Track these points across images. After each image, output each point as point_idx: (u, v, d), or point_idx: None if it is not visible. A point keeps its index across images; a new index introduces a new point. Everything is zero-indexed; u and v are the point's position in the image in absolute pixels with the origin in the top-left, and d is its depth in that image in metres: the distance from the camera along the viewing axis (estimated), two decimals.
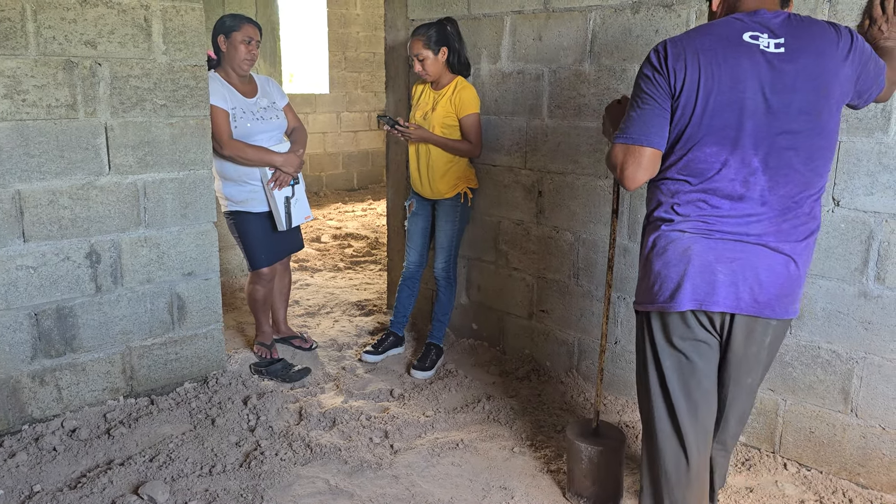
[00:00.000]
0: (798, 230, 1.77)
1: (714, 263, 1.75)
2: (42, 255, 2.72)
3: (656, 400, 1.93)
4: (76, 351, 2.86)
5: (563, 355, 3.35)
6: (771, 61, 1.68)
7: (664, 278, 1.81)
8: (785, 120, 1.69)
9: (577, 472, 2.39)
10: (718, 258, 1.75)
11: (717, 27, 1.74)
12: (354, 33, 8.83)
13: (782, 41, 1.69)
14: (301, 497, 2.41)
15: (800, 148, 1.71)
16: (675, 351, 1.86)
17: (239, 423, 2.87)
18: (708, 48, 1.71)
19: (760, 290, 1.75)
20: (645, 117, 1.77)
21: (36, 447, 2.63)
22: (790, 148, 1.71)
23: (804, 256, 1.79)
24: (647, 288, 1.87)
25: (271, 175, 3.21)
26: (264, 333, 3.56)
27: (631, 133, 1.79)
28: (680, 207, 1.79)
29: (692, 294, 1.77)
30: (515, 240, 3.47)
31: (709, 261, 1.75)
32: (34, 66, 2.59)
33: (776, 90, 1.68)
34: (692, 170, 1.76)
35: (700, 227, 1.77)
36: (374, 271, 5.28)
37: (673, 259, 1.79)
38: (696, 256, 1.76)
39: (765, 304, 1.77)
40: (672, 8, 2.73)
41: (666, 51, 1.74)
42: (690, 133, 1.74)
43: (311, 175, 8.46)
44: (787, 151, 1.71)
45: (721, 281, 1.75)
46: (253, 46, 3.14)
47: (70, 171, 2.73)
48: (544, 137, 3.25)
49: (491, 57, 3.39)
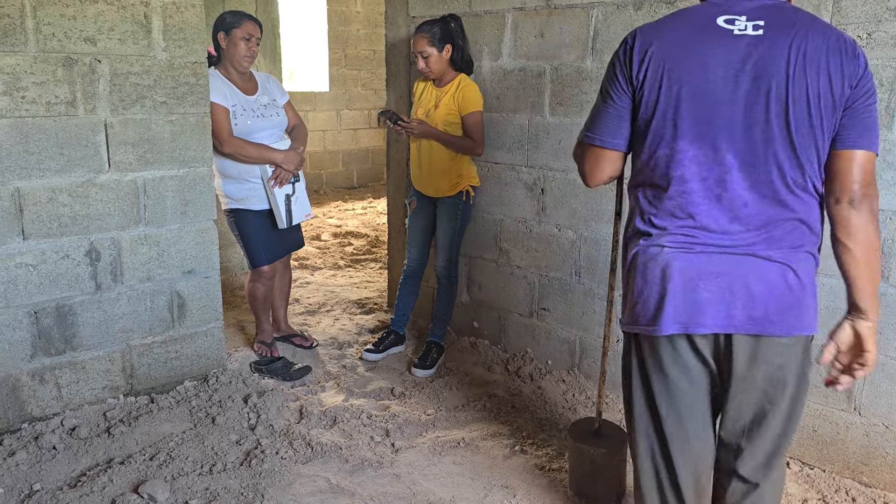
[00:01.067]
0: (795, 236, 1.57)
1: (697, 281, 1.57)
2: (42, 253, 2.71)
3: (643, 428, 1.75)
4: (76, 349, 2.85)
5: (565, 353, 3.34)
6: (747, 45, 1.50)
7: (646, 299, 1.64)
8: (762, 109, 1.50)
9: (580, 473, 2.39)
10: (701, 274, 1.57)
11: (692, 12, 1.59)
12: (354, 31, 8.81)
13: (762, 23, 1.51)
14: (302, 496, 2.40)
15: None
16: (663, 375, 1.67)
17: (239, 421, 2.86)
18: (677, 35, 1.56)
19: (754, 304, 1.55)
20: (601, 115, 1.68)
21: (36, 446, 2.62)
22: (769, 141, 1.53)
23: (804, 264, 1.58)
24: (630, 308, 1.70)
25: (272, 173, 3.20)
26: (264, 332, 3.55)
27: (588, 131, 1.72)
28: (657, 218, 1.63)
29: (674, 316, 1.59)
30: (517, 238, 3.45)
31: (690, 278, 1.57)
32: (34, 63, 2.57)
33: (753, 76, 1.50)
34: (663, 171, 1.61)
35: (679, 241, 1.59)
36: (374, 269, 5.27)
37: (652, 278, 1.62)
38: (676, 274, 1.58)
39: (763, 320, 1.56)
40: (674, 4, 2.71)
41: (634, 41, 1.61)
42: (655, 129, 1.59)
43: (311, 173, 8.44)
44: (765, 145, 1.52)
45: (706, 300, 1.56)
46: (253, 43, 3.13)
47: (70, 168, 2.72)
48: (546, 135, 3.24)
49: (492, 54, 3.38)
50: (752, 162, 1.53)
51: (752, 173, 1.54)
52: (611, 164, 1.72)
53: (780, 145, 1.51)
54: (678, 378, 1.65)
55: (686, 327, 1.58)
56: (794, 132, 1.50)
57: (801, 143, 1.51)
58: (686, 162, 1.57)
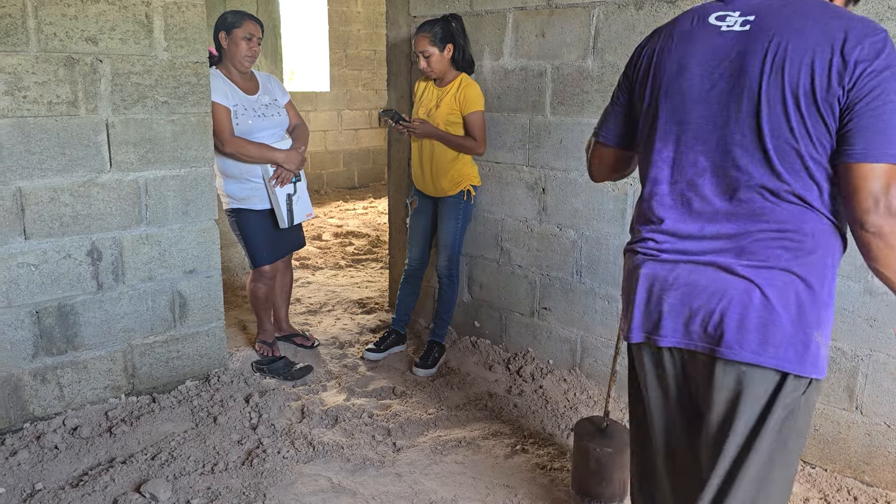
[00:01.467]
0: (771, 251, 1.38)
1: (661, 290, 1.48)
2: (43, 252, 2.71)
3: (631, 432, 1.75)
4: (78, 349, 2.85)
5: (566, 353, 3.34)
6: (730, 42, 1.41)
7: (625, 305, 1.58)
8: (735, 109, 1.39)
9: (584, 472, 2.38)
10: (664, 283, 1.47)
11: (696, 10, 1.52)
12: (355, 31, 8.81)
13: (752, 18, 1.40)
14: (303, 495, 2.40)
15: None
16: (641, 381, 1.61)
17: (241, 421, 2.86)
18: (672, 34, 1.52)
19: (711, 320, 1.40)
20: (607, 112, 1.70)
21: (37, 445, 2.62)
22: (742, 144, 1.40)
23: (779, 285, 1.36)
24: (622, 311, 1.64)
25: (273, 172, 3.20)
26: (266, 331, 3.55)
27: (597, 126, 1.75)
28: (636, 222, 1.59)
29: (641, 325, 1.52)
30: (518, 237, 3.45)
31: (655, 287, 1.49)
32: (35, 63, 2.57)
33: (729, 74, 1.39)
34: (644, 172, 1.56)
35: (649, 247, 1.52)
36: (375, 269, 5.27)
37: (627, 285, 1.58)
38: (642, 281, 1.51)
39: (718, 339, 1.39)
40: (675, 4, 2.71)
41: (645, 40, 1.60)
42: (640, 128, 1.57)
43: (311, 173, 8.45)
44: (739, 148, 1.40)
45: (667, 311, 1.46)
46: (254, 43, 3.13)
47: (71, 168, 2.72)
48: (547, 134, 3.24)
49: (493, 53, 3.38)
50: (723, 165, 1.42)
51: (725, 178, 1.42)
52: (614, 162, 1.73)
53: (752, 149, 1.38)
54: (651, 386, 1.58)
55: (648, 336, 1.52)
56: (766, 135, 1.36)
57: (777, 148, 1.36)
58: (660, 163, 1.51)
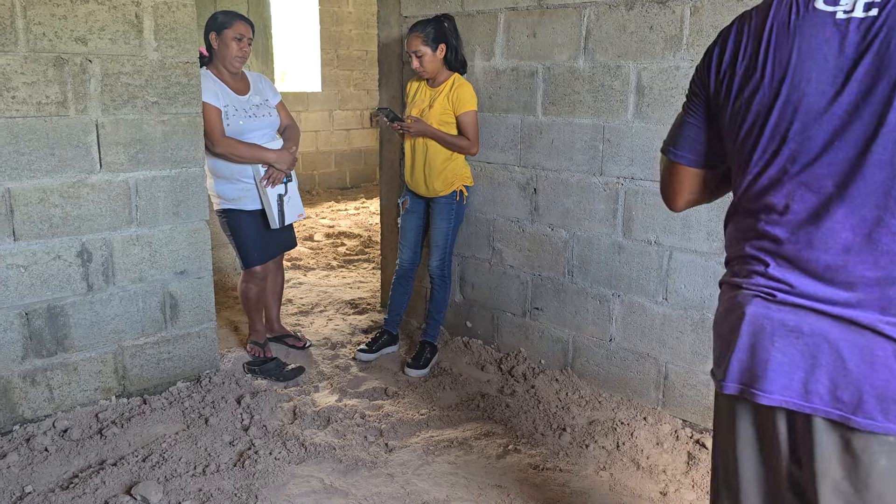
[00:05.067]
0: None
1: (770, 337, 1.21)
2: (33, 253, 2.69)
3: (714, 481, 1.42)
4: (68, 350, 2.83)
5: (558, 353, 3.34)
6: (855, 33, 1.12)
7: (717, 345, 1.34)
8: (875, 121, 1.10)
9: None
10: (777, 329, 1.21)
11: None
12: (347, 31, 8.80)
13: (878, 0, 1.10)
14: (296, 496, 2.39)
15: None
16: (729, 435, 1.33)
17: (232, 422, 2.85)
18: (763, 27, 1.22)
19: (845, 382, 1.14)
20: (680, 124, 1.41)
21: (27, 448, 2.60)
22: (884, 165, 1.12)
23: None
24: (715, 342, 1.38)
25: (264, 172, 3.19)
26: (257, 332, 3.54)
27: (668, 141, 1.44)
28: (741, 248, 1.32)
29: (738, 375, 1.26)
30: (510, 237, 3.46)
31: (763, 332, 1.22)
32: (24, 63, 2.56)
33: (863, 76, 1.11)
34: (750, 200, 1.28)
35: (760, 284, 1.25)
36: (367, 269, 5.27)
37: (724, 321, 1.32)
38: (746, 324, 1.24)
39: (855, 406, 1.14)
40: (666, 4, 2.72)
41: (725, 31, 1.30)
42: (740, 148, 1.27)
43: (303, 174, 8.43)
44: (880, 170, 1.11)
45: (777, 362, 1.20)
46: (244, 44, 3.12)
47: (61, 169, 2.70)
48: (539, 134, 3.24)
49: (485, 54, 3.38)
50: (859, 193, 1.13)
51: (860, 208, 1.14)
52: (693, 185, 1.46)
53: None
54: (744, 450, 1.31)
55: (745, 389, 1.25)
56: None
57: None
58: (775, 192, 1.23)
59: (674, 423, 2.90)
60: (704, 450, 2.71)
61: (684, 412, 2.93)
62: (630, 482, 2.53)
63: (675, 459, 2.68)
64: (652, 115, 2.84)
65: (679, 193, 1.46)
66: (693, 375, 2.88)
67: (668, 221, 2.86)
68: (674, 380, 2.94)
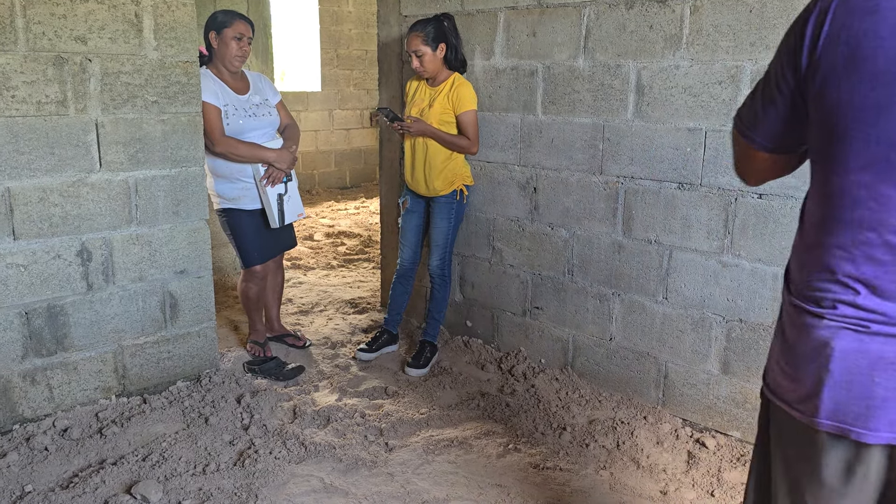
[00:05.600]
0: None
1: (869, 372, 1.11)
2: (32, 253, 2.69)
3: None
4: (67, 350, 2.83)
5: (558, 352, 3.34)
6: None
7: (794, 373, 1.21)
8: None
9: None
10: (875, 364, 1.11)
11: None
12: (346, 31, 8.80)
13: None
14: (296, 495, 2.39)
15: None
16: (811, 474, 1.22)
17: (232, 421, 2.85)
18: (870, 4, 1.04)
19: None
20: (759, 105, 1.24)
21: (27, 447, 2.60)
22: None
23: None
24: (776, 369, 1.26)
25: (264, 172, 3.19)
26: (257, 332, 3.54)
27: (742, 115, 1.28)
28: (819, 271, 1.17)
29: (833, 410, 1.14)
30: (510, 237, 3.46)
31: (859, 366, 1.12)
32: (24, 62, 2.56)
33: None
34: (834, 208, 1.12)
35: (848, 315, 1.13)
36: (367, 269, 5.27)
37: (805, 353, 1.18)
38: (837, 359, 1.13)
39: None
40: (666, 3, 2.72)
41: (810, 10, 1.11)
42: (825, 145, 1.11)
43: (303, 173, 8.43)
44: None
45: (882, 398, 1.11)
46: (244, 43, 3.12)
47: (61, 168, 2.70)
48: (538, 134, 3.24)
49: (484, 53, 3.38)
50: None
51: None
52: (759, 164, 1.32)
53: None
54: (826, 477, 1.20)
55: (848, 429, 1.14)
56: None
57: None
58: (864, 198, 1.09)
59: (674, 422, 2.90)
60: (705, 449, 2.71)
61: (684, 411, 2.93)
62: (630, 481, 2.52)
63: (676, 458, 2.68)
64: (652, 115, 2.84)
65: (755, 173, 1.34)
66: (693, 374, 2.88)
67: (668, 220, 2.86)
68: (674, 379, 2.94)
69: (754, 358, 2.70)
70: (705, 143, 2.71)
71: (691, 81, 2.71)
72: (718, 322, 2.78)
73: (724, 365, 2.79)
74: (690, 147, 2.75)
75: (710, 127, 2.68)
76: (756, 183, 1.37)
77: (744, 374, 2.74)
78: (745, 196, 2.63)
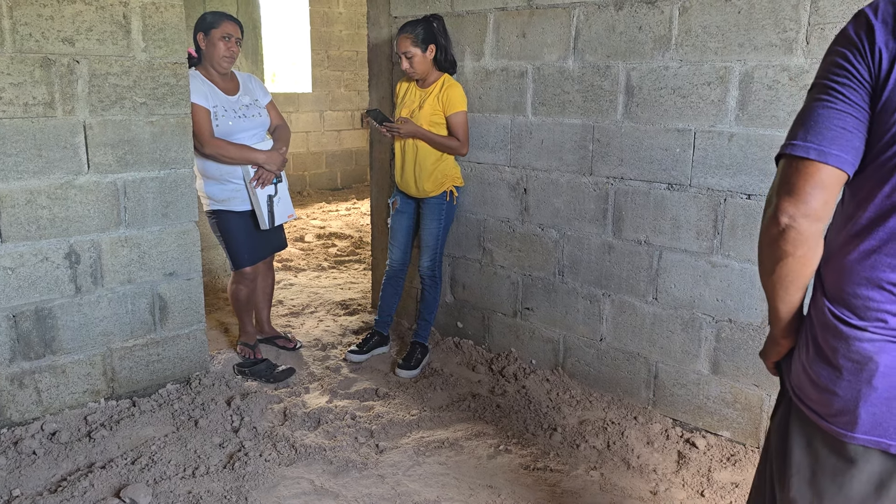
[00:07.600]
0: None
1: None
2: (20, 255, 2.67)
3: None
4: (56, 353, 2.82)
5: (549, 353, 3.35)
6: None
7: (828, 385, 1.18)
8: None
9: None
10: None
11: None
12: (337, 32, 8.79)
13: None
14: (286, 498, 2.38)
15: None
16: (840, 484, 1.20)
17: (222, 424, 2.84)
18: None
19: None
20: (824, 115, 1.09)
21: (15, 451, 2.58)
22: None
23: None
24: (803, 377, 1.23)
25: (254, 173, 3.18)
26: (248, 333, 3.53)
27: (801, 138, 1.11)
28: (862, 280, 1.13)
29: (871, 424, 1.12)
30: (500, 238, 3.46)
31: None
32: (10, 64, 2.54)
33: None
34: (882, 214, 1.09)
35: (893, 328, 1.10)
36: (358, 270, 5.26)
37: (843, 366, 1.15)
38: (882, 376, 1.10)
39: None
40: (655, 4, 2.73)
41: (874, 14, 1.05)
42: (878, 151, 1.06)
43: (294, 174, 8.41)
44: None
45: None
46: (232, 43, 3.11)
47: (48, 170, 2.69)
48: (528, 135, 3.25)
49: (474, 54, 3.38)
50: None
51: None
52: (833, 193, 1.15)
53: None
54: (861, 497, 1.17)
55: (889, 444, 1.12)
56: None
57: None
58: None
59: (664, 422, 2.90)
60: (695, 449, 2.72)
61: (674, 411, 2.93)
62: (621, 481, 2.53)
63: (666, 458, 2.68)
64: (641, 115, 2.85)
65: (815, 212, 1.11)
66: (683, 374, 2.89)
67: (658, 221, 2.87)
68: (664, 379, 2.95)
69: (744, 358, 2.71)
70: (694, 144, 2.72)
71: (680, 82, 2.72)
72: (708, 322, 2.79)
73: (713, 365, 2.80)
74: (680, 148, 2.76)
75: (700, 128, 2.69)
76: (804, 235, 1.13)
77: (733, 374, 2.75)
78: (734, 196, 2.64)
